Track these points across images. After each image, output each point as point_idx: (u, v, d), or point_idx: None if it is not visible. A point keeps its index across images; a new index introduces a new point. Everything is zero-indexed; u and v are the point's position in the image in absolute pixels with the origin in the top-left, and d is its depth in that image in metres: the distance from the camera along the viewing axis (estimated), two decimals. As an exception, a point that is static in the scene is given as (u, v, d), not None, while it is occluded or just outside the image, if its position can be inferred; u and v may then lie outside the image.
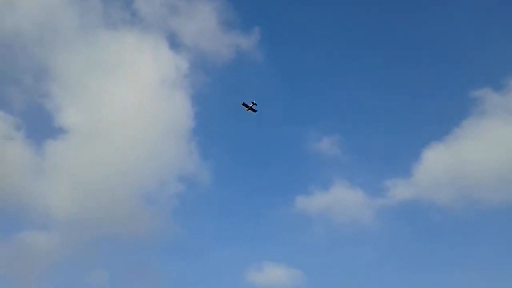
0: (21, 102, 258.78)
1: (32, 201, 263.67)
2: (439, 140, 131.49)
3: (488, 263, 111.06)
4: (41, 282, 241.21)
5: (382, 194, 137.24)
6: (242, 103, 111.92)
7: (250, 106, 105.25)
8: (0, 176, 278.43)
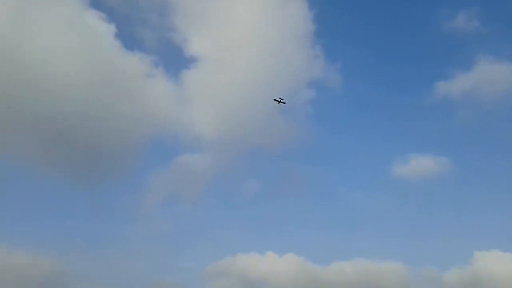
0: (152, 40, 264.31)
1: (182, 128, 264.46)
2: None
3: None
4: (203, 196, 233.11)
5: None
6: (273, 99, 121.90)
7: (279, 100, 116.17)
8: (151, 110, 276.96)
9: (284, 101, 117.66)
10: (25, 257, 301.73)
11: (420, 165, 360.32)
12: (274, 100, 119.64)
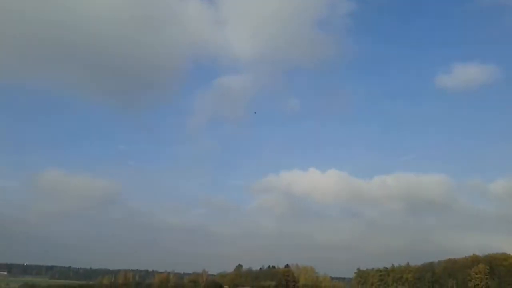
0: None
1: (221, 50, 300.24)
2: None
3: None
4: (245, 116, 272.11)
5: None
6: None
7: None
8: (189, 33, 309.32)
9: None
10: (82, 179, 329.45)
11: (465, 74, 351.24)
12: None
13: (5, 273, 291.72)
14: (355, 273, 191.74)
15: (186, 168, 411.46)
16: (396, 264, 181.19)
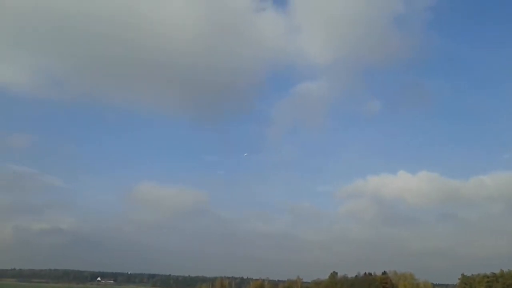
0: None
1: (296, 57, 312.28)
2: None
3: None
4: (325, 121, 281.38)
5: None
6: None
7: None
8: (265, 43, 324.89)
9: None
10: (173, 190, 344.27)
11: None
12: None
13: (112, 281, 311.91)
14: (459, 279, 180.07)
15: (271, 176, 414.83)
16: (505, 270, 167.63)
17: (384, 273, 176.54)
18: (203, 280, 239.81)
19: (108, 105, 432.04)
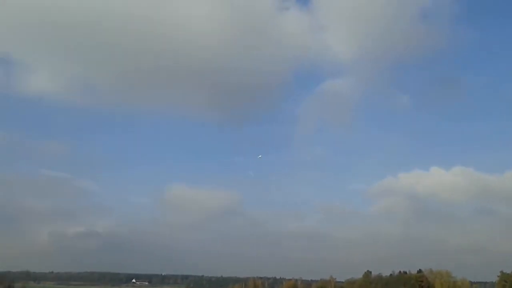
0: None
1: (321, 55, 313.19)
2: None
3: None
4: (353, 118, 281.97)
5: None
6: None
7: None
8: (290, 43, 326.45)
9: None
10: (204, 192, 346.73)
11: None
12: None
13: (146, 283, 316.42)
14: (498, 276, 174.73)
15: (301, 175, 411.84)
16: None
17: (420, 271, 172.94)
18: (236, 280, 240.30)
19: (138, 111, 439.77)
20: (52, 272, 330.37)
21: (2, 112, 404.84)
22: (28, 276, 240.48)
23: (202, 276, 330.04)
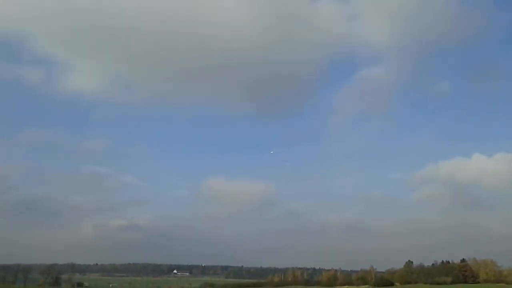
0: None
1: (358, 43, 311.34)
2: None
3: None
4: (392, 107, 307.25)
5: None
6: None
7: None
8: (324, 32, 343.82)
9: None
10: (242, 183, 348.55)
11: None
12: None
13: (187, 274, 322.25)
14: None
15: (339, 165, 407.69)
16: None
17: (463, 260, 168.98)
18: (275, 271, 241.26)
19: (175, 105, 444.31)
20: (97, 264, 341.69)
21: (47, 111, 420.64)
22: (73, 268, 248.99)
23: (242, 266, 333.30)
